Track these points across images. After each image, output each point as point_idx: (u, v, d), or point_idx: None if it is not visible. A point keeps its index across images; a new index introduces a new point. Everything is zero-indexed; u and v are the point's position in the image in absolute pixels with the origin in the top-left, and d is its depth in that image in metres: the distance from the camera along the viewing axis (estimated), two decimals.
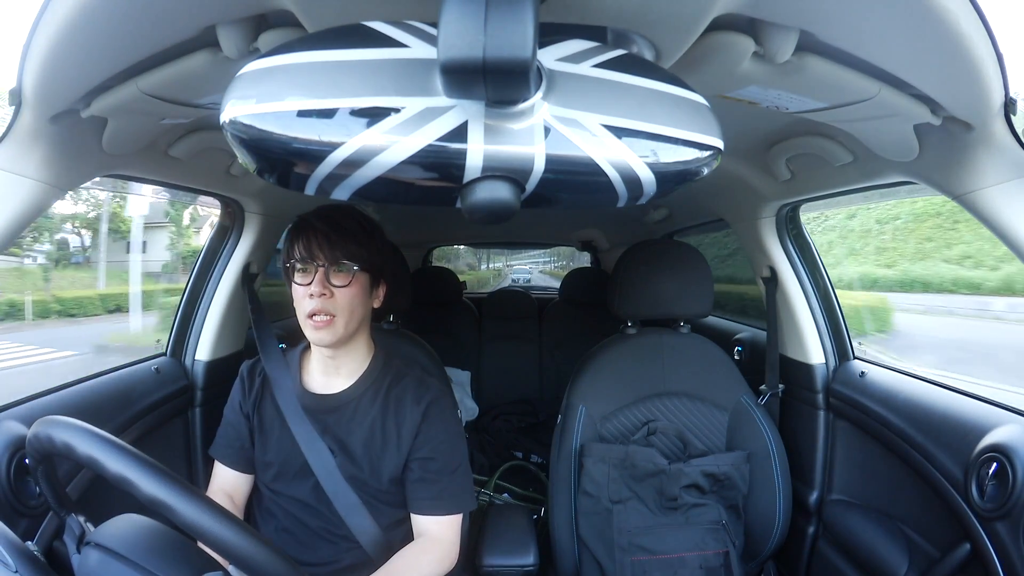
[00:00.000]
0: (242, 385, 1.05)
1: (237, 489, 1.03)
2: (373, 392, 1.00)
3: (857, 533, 1.16)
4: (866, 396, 1.21)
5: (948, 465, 0.97)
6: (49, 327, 8.31)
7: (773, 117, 0.88)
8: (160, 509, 0.51)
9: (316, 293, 0.91)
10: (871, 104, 0.71)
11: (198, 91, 0.73)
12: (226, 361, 1.40)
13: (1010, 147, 0.71)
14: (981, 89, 0.63)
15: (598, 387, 1.29)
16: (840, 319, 1.38)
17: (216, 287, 1.38)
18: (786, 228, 1.41)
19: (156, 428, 1.19)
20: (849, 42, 0.61)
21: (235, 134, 0.38)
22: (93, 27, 0.56)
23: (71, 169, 0.80)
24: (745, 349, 1.78)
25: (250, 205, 1.37)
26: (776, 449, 1.24)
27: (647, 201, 0.45)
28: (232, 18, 0.59)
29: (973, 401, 1.02)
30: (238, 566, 0.52)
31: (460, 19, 0.34)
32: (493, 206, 0.41)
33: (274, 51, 0.39)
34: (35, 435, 0.57)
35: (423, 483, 0.97)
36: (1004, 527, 0.85)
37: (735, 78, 0.70)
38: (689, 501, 1.19)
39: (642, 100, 0.43)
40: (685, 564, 1.16)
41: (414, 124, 0.38)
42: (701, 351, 1.34)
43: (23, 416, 0.89)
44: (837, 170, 1.05)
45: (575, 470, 1.24)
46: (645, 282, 1.31)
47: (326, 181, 0.40)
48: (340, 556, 0.98)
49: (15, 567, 0.52)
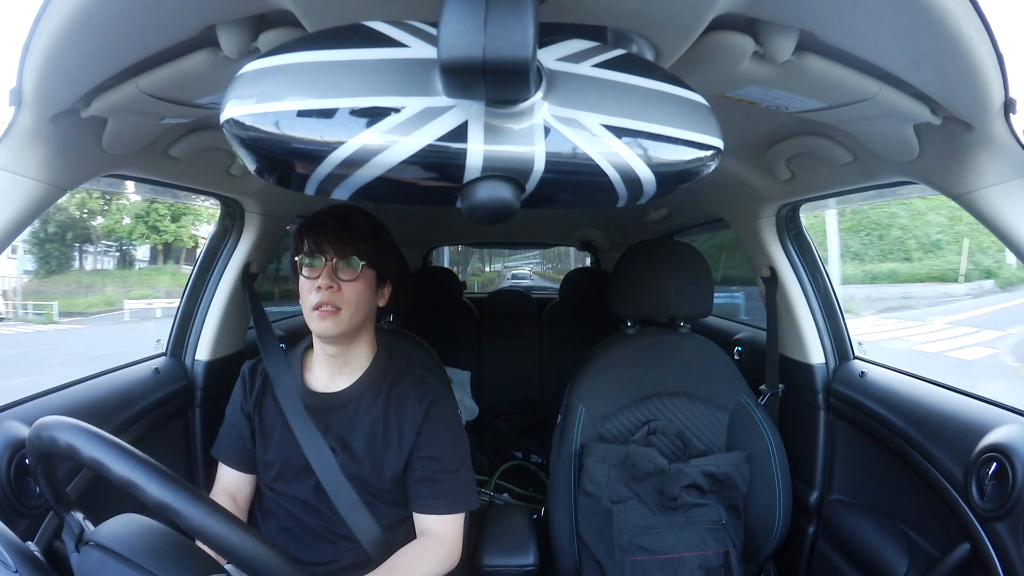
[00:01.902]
0: (243, 385, 1.05)
1: (240, 490, 1.03)
2: (375, 390, 1.00)
3: (857, 533, 1.16)
4: (866, 396, 1.21)
5: (948, 465, 0.97)
6: None
7: (773, 117, 0.88)
8: (166, 512, 0.51)
9: (324, 286, 0.91)
10: (871, 104, 0.71)
11: (198, 91, 0.73)
12: (226, 361, 1.40)
13: (1010, 147, 0.71)
14: (981, 89, 0.63)
15: (598, 387, 1.29)
16: (840, 319, 1.38)
17: (216, 287, 1.38)
18: (786, 228, 1.41)
19: (156, 428, 1.19)
20: (849, 42, 0.61)
21: (235, 134, 0.38)
22: (93, 27, 0.56)
23: (71, 169, 0.80)
24: (745, 349, 1.78)
25: (250, 205, 1.37)
26: (776, 449, 1.24)
27: (647, 201, 0.45)
28: (232, 18, 0.59)
29: (973, 401, 1.02)
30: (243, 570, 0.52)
31: (460, 19, 0.34)
32: (493, 206, 0.41)
33: (274, 51, 0.39)
34: (37, 436, 0.57)
35: (425, 482, 0.97)
36: (1004, 527, 0.85)
37: (735, 78, 0.70)
38: (689, 501, 1.19)
39: (642, 100, 0.43)
40: (685, 564, 1.16)
41: (414, 124, 0.38)
42: (701, 351, 1.34)
43: (23, 416, 0.89)
44: (837, 170, 1.05)
45: (575, 470, 1.24)
46: (645, 282, 1.31)
47: (326, 181, 0.40)
48: (340, 556, 0.98)
49: (15, 567, 0.52)
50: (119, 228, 19.68)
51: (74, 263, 19.43)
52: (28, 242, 17.35)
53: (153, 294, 17.38)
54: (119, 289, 18.17)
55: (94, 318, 15.85)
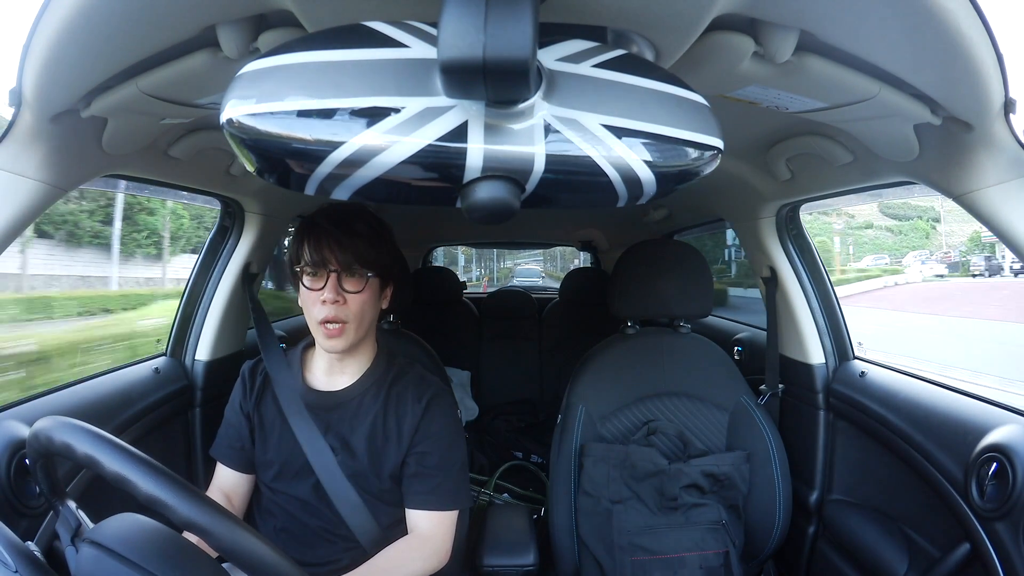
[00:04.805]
0: (243, 385, 1.05)
1: (236, 489, 1.03)
2: (376, 389, 1.00)
3: (857, 533, 1.16)
4: (866, 396, 1.21)
5: (948, 465, 0.97)
6: None
7: (773, 117, 0.88)
8: (158, 508, 0.51)
9: (329, 300, 0.89)
10: (871, 104, 0.71)
11: (198, 91, 0.73)
12: (226, 361, 1.40)
13: (1010, 147, 0.71)
14: (981, 89, 0.63)
15: (598, 387, 1.29)
16: (840, 319, 1.38)
17: (216, 287, 1.38)
18: (786, 228, 1.41)
19: (156, 428, 1.19)
20: (849, 42, 0.61)
21: (235, 134, 0.38)
22: (93, 27, 0.56)
23: (71, 169, 0.80)
24: (745, 349, 1.78)
25: (250, 205, 1.37)
26: (776, 449, 1.24)
27: (647, 201, 0.45)
28: (232, 18, 0.59)
29: (973, 401, 1.02)
30: (237, 564, 0.52)
31: (460, 19, 0.34)
32: (493, 206, 0.41)
33: (274, 51, 0.39)
34: (35, 435, 0.57)
35: (418, 477, 0.97)
36: (1004, 527, 0.85)
37: (735, 78, 0.70)
38: (689, 501, 1.19)
39: (642, 100, 0.43)
40: (685, 564, 1.16)
41: (414, 124, 0.38)
42: (701, 351, 1.34)
43: (23, 416, 0.89)
44: (837, 170, 1.05)
45: (575, 470, 1.24)
46: (645, 282, 1.31)
47: (326, 181, 0.40)
48: (339, 556, 0.98)
49: (15, 567, 0.52)
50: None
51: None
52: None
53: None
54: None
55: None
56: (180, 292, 1.43)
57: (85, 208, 8.58)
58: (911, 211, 20.91)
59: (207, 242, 1.43)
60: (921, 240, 19.83)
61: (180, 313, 1.38)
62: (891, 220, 21.46)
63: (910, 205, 20.87)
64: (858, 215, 21.23)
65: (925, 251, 17.88)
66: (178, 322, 1.38)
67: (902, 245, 19.69)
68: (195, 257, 1.46)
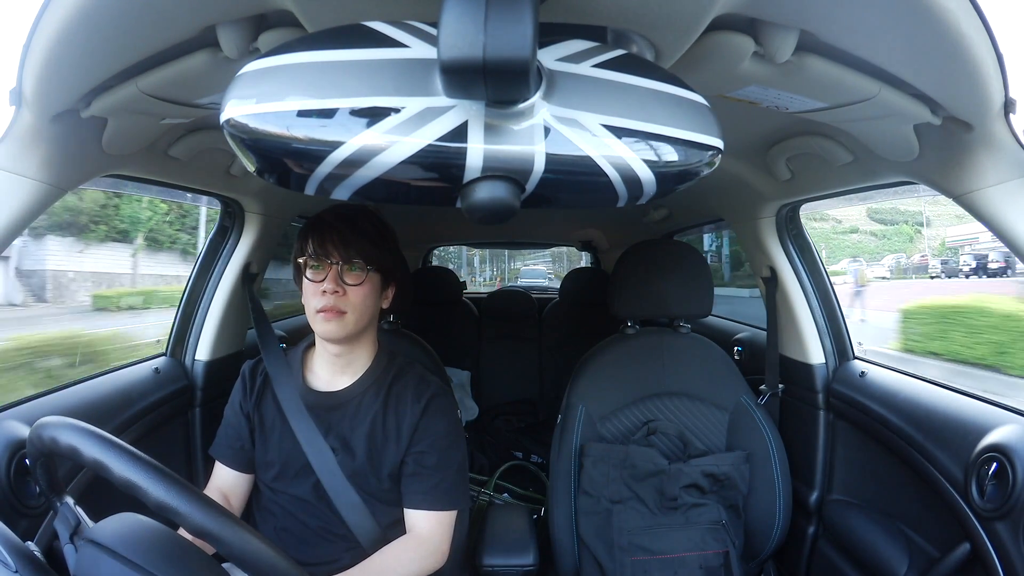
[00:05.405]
0: (243, 385, 1.05)
1: (234, 489, 1.03)
2: (376, 389, 1.00)
3: (857, 533, 1.16)
4: (866, 396, 1.21)
5: (948, 465, 0.97)
6: None
7: (773, 117, 0.88)
8: (167, 514, 0.51)
9: (329, 290, 0.91)
10: (871, 104, 0.71)
11: (198, 91, 0.73)
12: (226, 361, 1.40)
13: (1010, 147, 0.71)
14: (981, 89, 0.63)
15: (598, 387, 1.29)
16: (840, 319, 1.38)
17: (216, 287, 1.38)
18: (786, 228, 1.41)
19: (156, 428, 1.19)
20: (849, 42, 0.61)
21: (235, 134, 0.38)
22: (93, 27, 0.56)
23: (71, 169, 0.80)
24: (745, 349, 1.78)
25: (250, 205, 1.37)
26: (776, 449, 1.24)
27: (647, 201, 0.45)
28: (232, 18, 0.59)
29: (973, 401, 1.02)
30: (244, 569, 0.52)
31: (460, 19, 0.34)
32: (493, 206, 0.41)
33: (274, 51, 0.39)
34: (38, 436, 0.57)
35: (417, 477, 0.97)
36: (1004, 527, 0.85)
37: (735, 78, 0.70)
38: (689, 501, 1.19)
39: (642, 100, 0.43)
40: (685, 564, 1.16)
41: (414, 124, 0.38)
42: (701, 351, 1.34)
43: (23, 416, 0.89)
44: (837, 170, 1.05)
45: (575, 470, 1.24)
46: (645, 282, 1.31)
47: (326, 181, 0.40)
48: (339, 555, 0.97)
49: (15, 567, 0.52)
50: None
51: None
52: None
53: None
54: None
55: None
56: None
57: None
58: (898, 216, 21.11)
59: (207, 242, 1.43)
60: (904, 244, 20.02)
61: (180, 313, 1.38)
62: (878, 225, 21.66)
63: (898, 210, 21.07)
64: (845, 220, 21.45)
65: (902, 254, 18.19)
66: (178, 322, 1.38)
67: (883, 249, 19.95)
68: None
